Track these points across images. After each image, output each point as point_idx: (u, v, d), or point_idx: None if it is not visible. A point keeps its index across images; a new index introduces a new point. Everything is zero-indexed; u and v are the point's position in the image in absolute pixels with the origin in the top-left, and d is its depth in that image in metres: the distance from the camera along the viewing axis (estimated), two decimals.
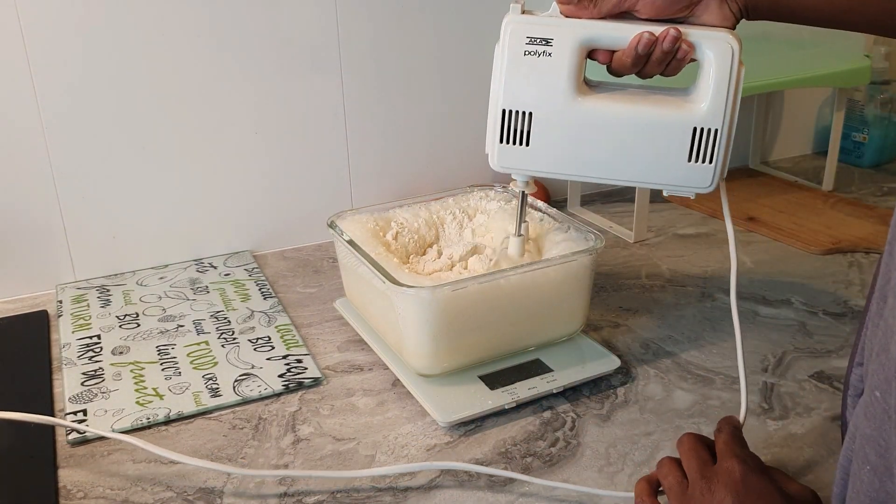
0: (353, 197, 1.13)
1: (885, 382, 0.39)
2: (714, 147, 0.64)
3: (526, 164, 0.67)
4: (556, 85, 0.64)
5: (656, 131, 0.64)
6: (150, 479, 0.66)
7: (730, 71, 0.63)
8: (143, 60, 0.96)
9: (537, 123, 0.65)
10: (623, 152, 0.65)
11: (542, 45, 0.63)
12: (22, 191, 0.95)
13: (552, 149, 0.66)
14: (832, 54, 1.18)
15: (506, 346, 0.79)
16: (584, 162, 0.66)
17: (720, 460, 0.55)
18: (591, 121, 0.64)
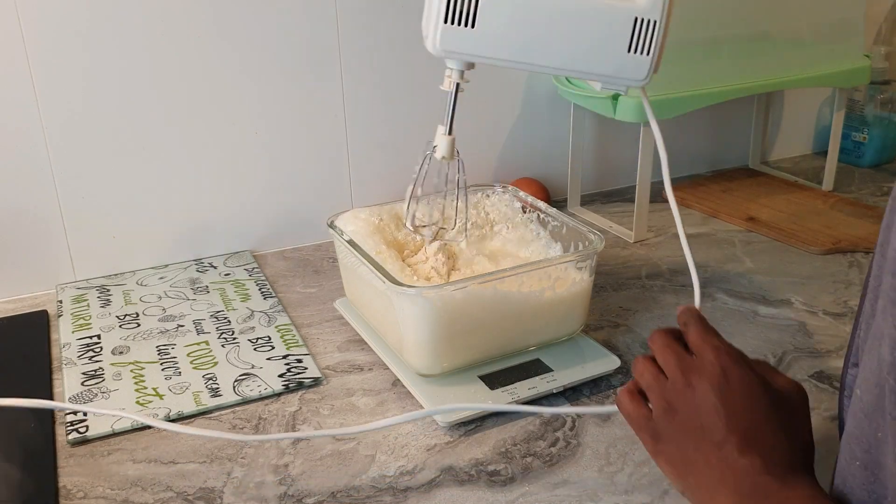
0: (353, 197, 1.13)
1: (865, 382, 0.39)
2: (653, 38, 0.66)
3: (469, 47, 0.65)
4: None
5: (600, 19, 0.65)
6: (150, 479, 0.66)
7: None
8: (144, 60, 0.96)
9: (484, 3, 0.63)
10: (567, 38, 0.66)
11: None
12: (22, 191, 0.95)
13: (497, 30, 0.64)
14: (832, 54, 1.18)
15: (506, 346, 0.79)
16: (527, 46, 0.66)
17: (698, 353, 0.52)
18: (539, 3, 0.64)
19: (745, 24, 1.12)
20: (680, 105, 1.06)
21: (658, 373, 0.53)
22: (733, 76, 1.10)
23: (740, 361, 0.51)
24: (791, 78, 1.14)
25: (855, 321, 0.49)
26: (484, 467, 0.67)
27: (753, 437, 0.48)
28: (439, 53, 0.65)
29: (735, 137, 1.42)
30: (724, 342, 0.53)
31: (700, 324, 0.55)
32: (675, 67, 1.06)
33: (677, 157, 1.37)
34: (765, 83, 1.13)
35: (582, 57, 0.66)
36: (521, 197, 0.94)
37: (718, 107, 1.20)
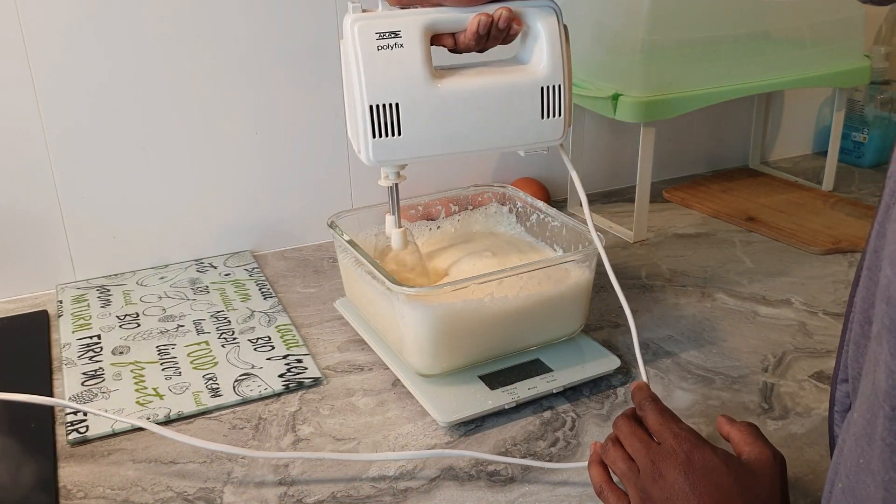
0: (353, 197, 1.13)
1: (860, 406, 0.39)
2: (560, 101, 0.71)
3: (400, 153, 0.70)
4: (414, 73, 0.68)
5: (510, 98, 0.70)
6: (150, 479, 0.66)
7: (559, 32, 0.70)
8: (144, 60, 0.96)
9: (405, 112, 0.68)
10: (485, 122, 0.71)
11: (392, 37, 0.67)
12: (22, 191, 0.95)
13: (422, 133, 0.69)
14: (832, 54, 1.18)
15: (506, 346, 0.79)
16: (452, 138, 0.71)
17: (660, 439, 0.57)
18: (453, 100, 0.69)
19: (745, 24, 1.11)
20: (680, 105, 1.06)
21: (630, 462, 0.58)
22: (733, 76, 1.10)
23: (699, 444, 0.55)
24: (791, 78, 1.14)
25: (841, 338, 0.49)
26: (484, 467, 0.67)
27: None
28: (374, 164, 0.70)
29: (735, 137, 1.42)
30: (682, 425, 0.58)
31: (655, 407, 0.60)
32: (675, 67, 1.06)
33: (677, 157, 1.37)
34: (765, 83, 1.13)
35: (502, 134, 0.72)
36: (521, 197, 0.94)
37: (718, 107, 1.20)
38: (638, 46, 1.04)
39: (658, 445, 0.57)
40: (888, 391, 0.36)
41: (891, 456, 0.36)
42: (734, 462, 0.55)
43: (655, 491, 0.55)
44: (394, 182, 0.75)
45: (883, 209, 0.39)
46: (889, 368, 0.36)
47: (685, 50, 1.07)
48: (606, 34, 1.09)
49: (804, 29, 1.16)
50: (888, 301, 0.36)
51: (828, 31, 1.17)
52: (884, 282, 0.37)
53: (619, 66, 1.07)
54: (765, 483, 0.54)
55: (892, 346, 0.35)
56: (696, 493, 0.53)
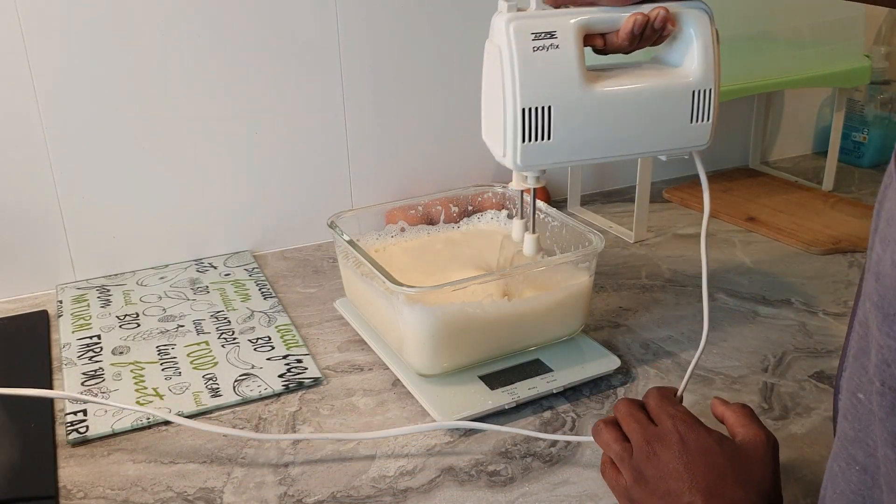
0: (353, 197, 1.13)
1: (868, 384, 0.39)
2: (710, 105, 0.69)
3: (550, 157, 0.67)
4: (569, 75, 0.65)
5: (662, 101, 0.68)
6: (150, 479, 0.66)
7: (712, 36, 0.68)
8: (144, 61, 0.96)
9: (557, 115, 0.66)
10: (635, 126, 0.68)
11: (548, 38, 0.64)
12: (22, 191, 0.95)
13: (573, 137, 0.67)
14: (832, 54, 1.18)
15: (506, 347, 0.79)
16: (602, 143, 0.68)
17: (657, 421, 0.58)
18: (605, 103, 0.67)
19: (745, 24, 1.11)
20: None
21: (625, 443, 0.59)
22: (733, 76, 1.10)
23: (695, 426, 0.57)
24: (791, 78, 1.14)
25: (849, 325, 0.49)
26: (484, 467, 0.67)
27: (715, 493, 0.53)
28: (521, 170, 0.68)
29: (735, 137, 1.42)
30: (679, 408, 0.59)
31: (658, 392, 0.62)
32: None
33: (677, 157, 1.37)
34: (765, 83, 1.13)
35: (651, 138, 0.69)
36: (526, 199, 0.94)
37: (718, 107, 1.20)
38: None
39: (654, 427, 0.58)
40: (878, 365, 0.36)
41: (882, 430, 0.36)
42: (728, 444, 0.55)
43: (649, 470, 0.55)
44: (532, 186, 0.72)
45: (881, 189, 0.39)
46: (878, 343, 0.36)
47: None
48: None
49: (804, 29, 1.16)
50: (877, 277, 0.36)
51: (828, 31, 1.17)
52: (874, 258, 0.37)
53: None
54: (758, 464, 0.54)
55: (879, 321, 0.36)
56: (690, 473, 0.54)
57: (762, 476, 0.54)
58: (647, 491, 0.55)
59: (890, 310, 0.35)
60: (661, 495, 0.54)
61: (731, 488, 0.53)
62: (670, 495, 0.54)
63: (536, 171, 0.70)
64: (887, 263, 0.35)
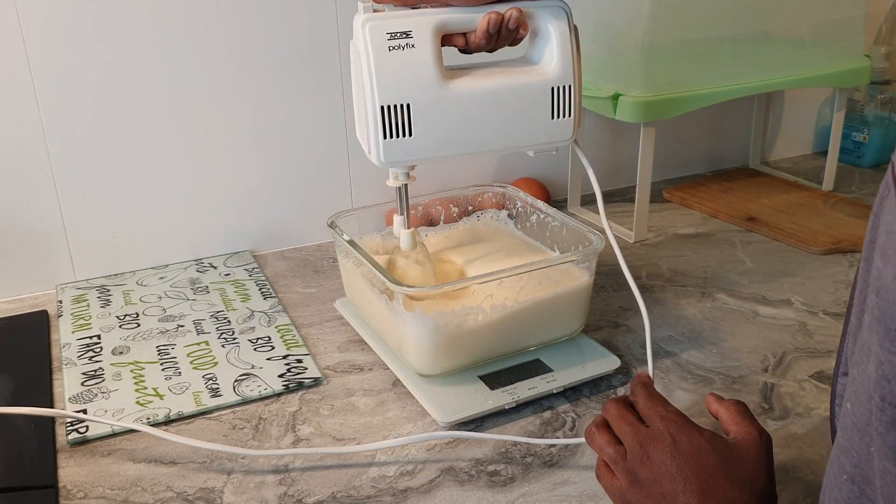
0: (353, 197, 1.13)
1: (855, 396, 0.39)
2: (570, 101, 0.71)
3: (411, 154, 0.69)
4: (425, 73, 0.67)
5: (520, 98, 0.70)
6: (150, 479, 0.66)
7: (570, 31, 0.70)
8: (143, 61, 0.96)
9: (416, 112, 0.68)
10: (495, 123, 0.70)
11: (404, 38, 0.66)
12: (22, 191, 0.95)
13: (433, 133, 0.69)
14: (832, 54, 1.18)
15: (506, 347, 0.79)
16: (463, 139, 0.70)
17: (648, 422, 0.58)
18: (464, 100, 0.69)
19: (745, 24, 1.11)
20: (680, 105, 1.06)
21: (618, 446, 0.58)
22: (733, 76, 1.10)
23: (686, 426, 0.57)
24: (791, 78, 1.14)
25: (843, 330, 0.49)
26: (484, 467, 0.67)
27: (709, 493, 0.53)
28: (385, 165, 0.70)
29: (735, 137, 1.42)
30: (669, 408, 0.59)
31: (645, 391, 0.61)
32: (675, 67, 1.06)
33: (677, 157, 1.37)
34: (765, 83, 1.13)
35: (512, 135, 0.71)
36: (521, 197, 0.94)
37: (718, 107, 1.20)
38: (638, 46, 1.04)
39: (646, 428, 0.58)
40: (878, 381, 0.36)
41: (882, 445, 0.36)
42: (720, 443, 0.56)
43: (643, 472, 0.56)
44: (403, 183, 0.74)
45: (878, 201, 0.39)
46: (878, 359, 0.36)
47: (685, 50, 1.07)
48: (607, 34, 1.09)
49: (804, 29, 1.16)
50: (878, 292, 0.36)
51: (828, 31, 1.17)
52: (875, 273, 0.37)
53: (619, 66, 1.07)
54: (750, 463, 0.55)
55: (881, 336, 0.36)
56: (682, 474, 0.54)
57: (755, 473, 0.54)
58: (642, 493, 0.56)
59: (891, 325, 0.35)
60: (657, 498, 0.55)
61: (724, 487, 0.53)
62: (665, 497, 0.54)
63: (402, 166, 0.72)
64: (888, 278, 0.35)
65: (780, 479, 0.65)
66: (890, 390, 0.35)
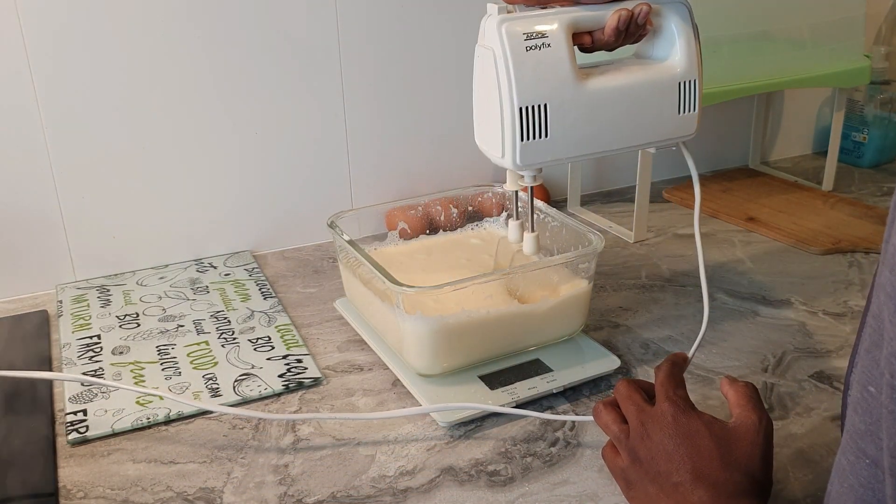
0: (353, 197, 1.13)
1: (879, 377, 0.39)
2: (695, 96, 0.73)
3: (548, 155, 0.69)
4: (562, 72, 0.67)
5: (650, 94, 0.71)
6: (150, 479, 0.66)
7: (693, 28, 0.72)
8: (144, 61, 0.96)
9: (553, 113, 0.67)
10: (627, 120, 0.71)
11: (540, 38, 0.66)
12: (22, 191, 0.95)
13: (569, 133, 0.69)
14: (832, 54, 1.18)
15: (506, 347, 0.79)
16: (597, 138, 0.70)
17: (656, 402, 0.60)
18: (598, 98, 0.69)
19: (745, 24, 1.11)
20: None
21: (623, 424, 0.60)
22: (733, 76, 1.10)
23: (687, 409, 0.58)
24: (791, 78, 1.14)
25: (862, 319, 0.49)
26: (484, 467, 0.67)
27: (701, 474, 0.54)
28: (521, 168, 0.70)
29: (735, 137, 1.42)
30: (680, 392, 0.60)
31: (667, 374, 0.62)
32: None
33: (677, 157, 1.37)
34: (765, 83, 1.13)
35: (643, 131, 0.72)
36: (522, 197, 0.94)
37: (718, 107, 1.20)
38: None
39: (650, 408, 0.59)
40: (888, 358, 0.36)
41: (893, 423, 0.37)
42: (717, 426, 0.57)
43: (642, 450, 0.57)
44: (530, 185, 0.73)
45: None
46: (889, 336, 0.37)
47: None
48: None
49: (804, 29, 1.16)
50: (892, 269, 0.37)
51: (828, 31, 1.17)
52: (891, 250, 0.37)
53: None
54: (745, 447, 0.56)
55: (891, 313, 0.36)
56: (678, 454, 0.56)
57: (749, 457, 0.56)
58: (641, 471, 0.57)
59: None
60: (653, 476, 0.56)
61: (716, 469, 0.54)
62: (661, 476, 0.56)
63: (534, 169, 0.71)
64: None
65: (780, 479, 0.65)
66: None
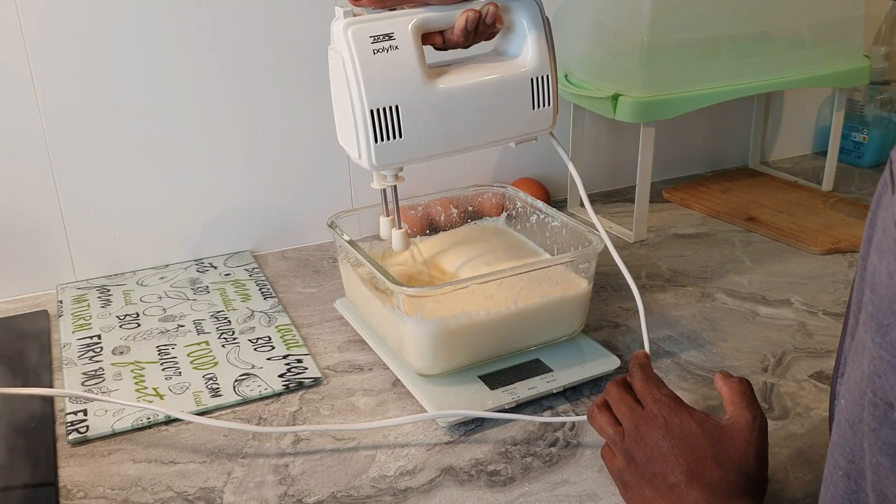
0: (353, 197, 1.13)
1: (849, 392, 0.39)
2: (548, 91, 0.73)
3: (402, 155, 0.70)
4: (411, 73, 0.68)
5: (503, 91, 0.72)
6: (150, 479, 0.66)
7: (543, 24, 0.72)
8: (144, 61, 0.96)
9: (405, 113, 0.68)
10: (480, 117, 0.72)
11: (387, 40, 0.67)
12: (22, 191, 0.95)
13: (423, 133, 0.70)
14: (832, 54, 1.18)
15: (506, 347, 0.79)
16: (452, 136, 0.72)
17: (643, 403, 0.61)
18: (450, 97, 0.70)
19: (745, 24, 1.12)
20: (680, 105, 1.06)
21: (618, 426, 0.61)
22: (733, 76, 1.10)
23: (678, 409, 0.59)
24: (791, 78, 1.14)
25: (842, 331, 0.49)
26: (484, 467, 0.67)
27: (696, 474, 0.55)
28: (376, 169, 0.71)
29: (735, 137, 1.42)
30: (664, 391, 0.61)
31: (642, 373, 0.64)
32: (675, 67, 1.06)
33: (677, 157, 1.37)
34: (765, 83, 1.13)
35: (497, 128, 0.73)
36: (521, 197, 0.94)
37: (718, 107, 1.19)
38: (638, 46, 1.04)
39: (642, 410, 0.60)
40: (870, 376, 0.37)
41: (875, 440, 0.37)
42: (710, 425, 0.57)
43: (637, 452, 0.58)
44: (392, 184, 0.75)
45: (876, 198, 0.39)
46: (871, 354, 0.36)
47: (685, 50, 1.07)
48: (606, 34, 1.09)
49: (804, 29, 1.16)
50: (872, 287, 0.36)
51: (828, 31, 1.17)
52: (870, 269, 0.37)
53: (619, 66, 1.07)
54: (739, 445, 0.56)
55: (873, 332, 0.36)
56: (672, 454, 0.56)
57: (743, 455, 0.56)
58: (637, 473, 0.58)
59: (884, 320, 0.35)
60: (649, 477, 0.57)
61: (710, 469, 0.55)
62: (656, 477, 0.56)
63: (393, 168, 0.72)
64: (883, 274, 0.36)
65: (780, 479, 0.65)
66: (881, 385, 0.36)
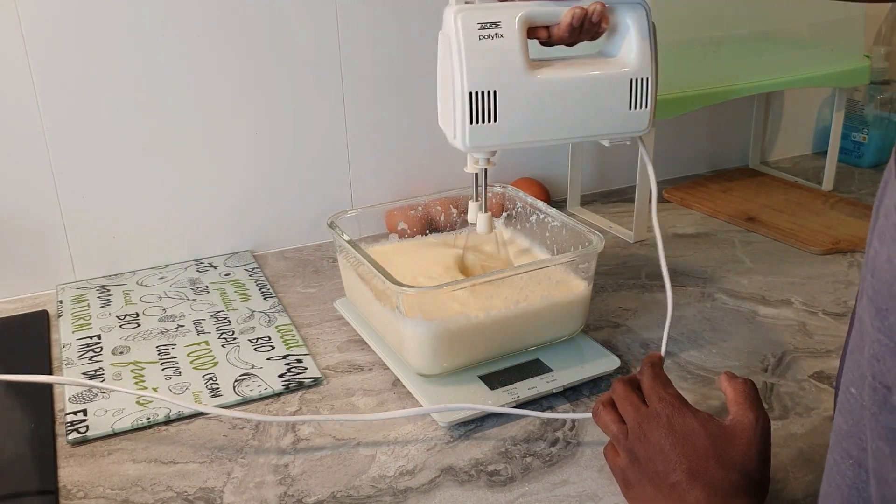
0: (353, 197, 1.13)
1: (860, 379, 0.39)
2: (647, 93, 0.74)
3: (495, 139, 0.71)
4: (512, 61, 0.69)
5: (600, 89, 0.73)
6: (150, 479, 0.66)
7: (648, 28, 0.73)
8: (144, 60, 0.96)
9: (501, 99, 0.70)
10: (575, 112, 0.73)
11: (493, 28, 0.69)
12: (22, 191, 0.95)
13: (517, 120, 0.71)
14: (832, 54, 1.18)
15: (506, 346, 0.79)
16: (544, 127, 0.73)
17: (649, 402, 0.61)
18: (547, 89, 0.71)
19: (745, 24, 1.12)
20: (680, 105, 1.06)
21: (622, 424, 0.61)
22: (733, 76, 1.10)
23: (681, 408, 0.59)
24: (791, 78, 1.14)
25: (850, 323, 0.49)
26: (484, 467, 0.67)
27: (698, 474, 0.55)
28: (469, 150, 0.73)
29: (735, 137, 1.42)
30: (670, 390, 0.61)
31: (651, 371, 0.64)
32: (675, 67, 1.06)
33: (677, 157, 1.37)
34: (765, 83, 1.13)
35: (591, 123, 0.74)
36: (521, 197, 0.94)
37: (718, 107, 1.20)
38: None
39: (647, 408, 0.60)
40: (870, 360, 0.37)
41: (875, 424, 0.37)
42: (713, 425, 0.57)
43: (640, 451, 0.58)
44: (483, 168, 0.76)
45: (882, 186, 0.40)
46: (871, 339, 0.37)
47: (685, 50, 1.07)
48: None
49: (804, 29, 1.16)
50: (873, 272, 0.37)
51: (828, 31, 1.18)
52: (871, 254, 0.38)
53: None
54: (741, 446, 0.56)
55: (872, 315, 0.36)
56: (674, 454, 0.56)
57: (746, 456, 0.56)
58: (639, 471, 0.58)
59: (882, 305, 0.35)
60: (651, 476, 0.57)
61: (712, 469, 0.55)
62: (658, 476, 0.57)
63: (485, 152, 0.74)
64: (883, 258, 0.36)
65: (780, 479, 0.65)
66: (880, 369, 0.36)
